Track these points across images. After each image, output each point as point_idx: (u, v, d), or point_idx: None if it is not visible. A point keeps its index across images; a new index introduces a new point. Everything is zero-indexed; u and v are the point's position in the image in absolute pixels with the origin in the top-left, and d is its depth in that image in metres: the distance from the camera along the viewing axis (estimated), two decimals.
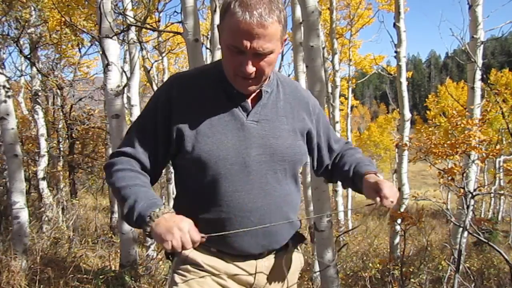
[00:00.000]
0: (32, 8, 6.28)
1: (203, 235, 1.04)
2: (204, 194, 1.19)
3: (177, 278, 1.23)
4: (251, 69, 1.09)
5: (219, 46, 6.13)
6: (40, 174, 6.80)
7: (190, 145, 1.16)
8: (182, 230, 0.99)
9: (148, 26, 4.96)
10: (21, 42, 6.54)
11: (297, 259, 1.37)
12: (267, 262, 1.27)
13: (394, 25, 6.20)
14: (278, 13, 1.07)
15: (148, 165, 1.20)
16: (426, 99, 22.29)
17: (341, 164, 1.37)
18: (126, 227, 4.09)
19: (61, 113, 8.31)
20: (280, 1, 1.10)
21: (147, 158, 1.20)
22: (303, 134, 1.29)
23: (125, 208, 1.08)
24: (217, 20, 6.04)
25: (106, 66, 3.80)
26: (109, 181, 1.17)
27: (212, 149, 1.15)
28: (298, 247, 1.39)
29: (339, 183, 1.50)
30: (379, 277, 4.93)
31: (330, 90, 10.39)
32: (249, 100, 1.20)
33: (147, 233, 1.03)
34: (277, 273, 1.29)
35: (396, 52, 6.19)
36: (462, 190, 3.57)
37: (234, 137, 1.17)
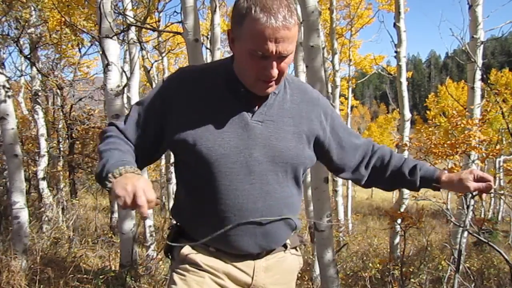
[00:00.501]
0: (32, 8, 6.28)
1: (158, 197, 1.02)
2: (204, 191, 1.19)
3: (176, 277, 1.22)
4: (276, 72, 1.10)
5: (219, 46, 6.15)
6: (40, 174, 6.80)
7: (192, 140, 1.15)
8: (136, 187, 0.95)
9: (148, 26, 4.96)
10: (21, 42, 6.54)
11: (295, 259, 1.37)
12: (265, 263, 1.27)
13: (394, 25, 6.20)
14: (296, 13, 1.09)
15: (132, 146, 1.22)
16: (426, 99, 22.29)
17: (395, 172, 1.38)
18: (126, 227, 4.09)
19: (61, 113, 8.30)
20: (292, 1, 1.11)
21: (134, 140, 1.21)
22: (310, 138, 1.26)
23: (99, 167, 1.09)
24: (217, 20, 6.04)
25: (106, 66, 3.80)
26: (99, 147, 1.18)
27: (214, 146, 1.15)
28: (297, 248, 1.39)
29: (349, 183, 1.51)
30: (379, 277, 4.93)
31: (330, 90, 10.38)
32: (255, 100, 1.20)
33: (108, 189, 1.02)
34: (275, 274, 1.29)
35: (396, 52, 6.19)
36: None
37: (237, 136, 1.17)
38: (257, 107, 1.19)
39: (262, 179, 1.19)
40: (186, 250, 1.24)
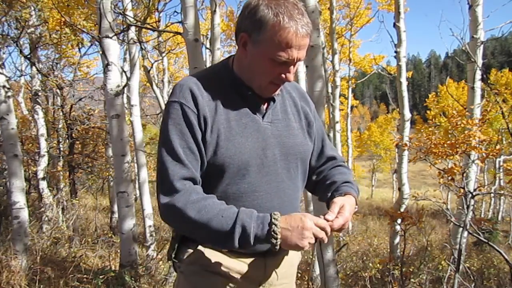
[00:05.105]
0: (32, 8, 6.27)
1: (327, 217, 1.08)
2: (222, 196, 1.18)
3: (187, 280, 1.22)
4: (292, 77, 1.15)
5: (218, 46, 6.13)
6: (40, 174, 6.79)
7: (212, 148, 1.15)
8: (309, 230, 1.03)
9: (148, 26, 4.95)
10: (21, 42, 6.54)
11: (296, 253, 1.41)
12: (274, 259, 1.30)
13: (394, 25, 6.19)
14: None
15: (200, 180, 1.17)
16: (426, 99, 22.26)
17: (328, 178, 1.32)
18: (126, 227, 4.09)
19: (61, 113, 8.30)
20: None
21: (198, 173, 1.15)
22: (308, 130, 1.32)
23: (229, 237, 1.06)
24: (217, 20, 6.03)
25: (106, 66, 3.80)
26: (195, 218, 1.07)
27: (236, 153, 1.15)
28: None
29: None
30: (379, 277, 4.94)
31: (330, 90, 10.39)
32: (262, 102, 1.22)
33: (276, 247, 1.06)
34: (283, 268, 1.33)
35: (396, 52, 6.18)
36: (462, 190, 3.57)
37: (253, 139, 1.18)
38: (264, 108, 1.22)
39: (277, 178, 1.22)
40: (200, 252, 1.23)
